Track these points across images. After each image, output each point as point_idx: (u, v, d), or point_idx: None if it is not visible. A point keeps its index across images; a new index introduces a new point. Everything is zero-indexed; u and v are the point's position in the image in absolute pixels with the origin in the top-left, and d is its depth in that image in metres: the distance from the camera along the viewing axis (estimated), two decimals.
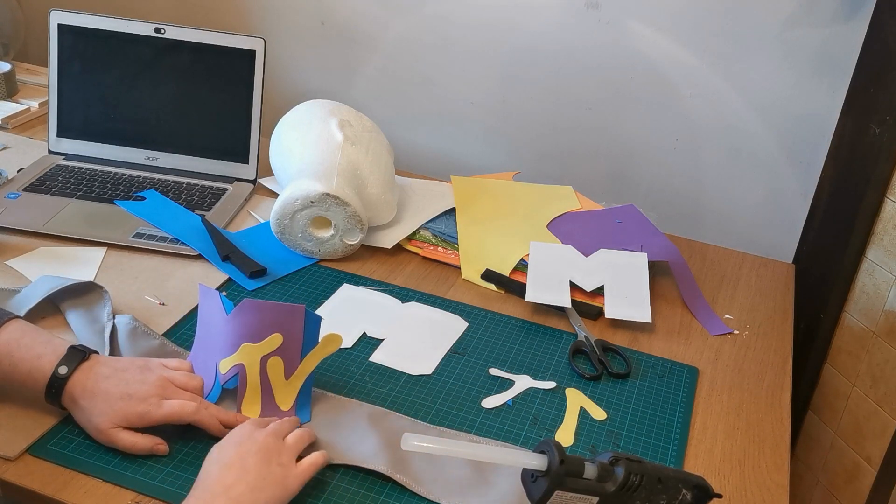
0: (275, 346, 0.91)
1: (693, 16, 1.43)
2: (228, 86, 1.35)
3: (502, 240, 1.27)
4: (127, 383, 0.85)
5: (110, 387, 0.85)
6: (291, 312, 0.91)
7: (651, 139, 1.55)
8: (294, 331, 0.91)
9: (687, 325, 1.17)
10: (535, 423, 0.95)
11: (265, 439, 0.82)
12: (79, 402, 0.85)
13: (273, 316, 0.91)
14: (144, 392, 0.85)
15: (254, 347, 0.91)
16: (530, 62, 1.57)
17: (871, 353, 1.27)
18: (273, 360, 0.92)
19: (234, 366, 0.91)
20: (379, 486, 0.85)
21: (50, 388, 0.84)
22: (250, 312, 0.91)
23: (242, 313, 0.91)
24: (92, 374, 0.85)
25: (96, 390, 0.84)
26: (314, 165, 1.18)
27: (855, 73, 1.35)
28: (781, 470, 0.92)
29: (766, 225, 1.54)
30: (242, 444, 0.80)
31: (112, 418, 0.84)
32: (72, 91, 1.38)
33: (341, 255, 1.23)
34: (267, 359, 0.91)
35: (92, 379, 0.85)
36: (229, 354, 0.91)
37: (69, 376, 0.84)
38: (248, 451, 0.80)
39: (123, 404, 0.84)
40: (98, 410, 0.84)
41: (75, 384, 0.84)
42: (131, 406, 0.84)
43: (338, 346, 0.93)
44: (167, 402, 0.85)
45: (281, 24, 1.73)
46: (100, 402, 0.84)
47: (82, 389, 0.84)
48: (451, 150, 1.71)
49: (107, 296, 1.02)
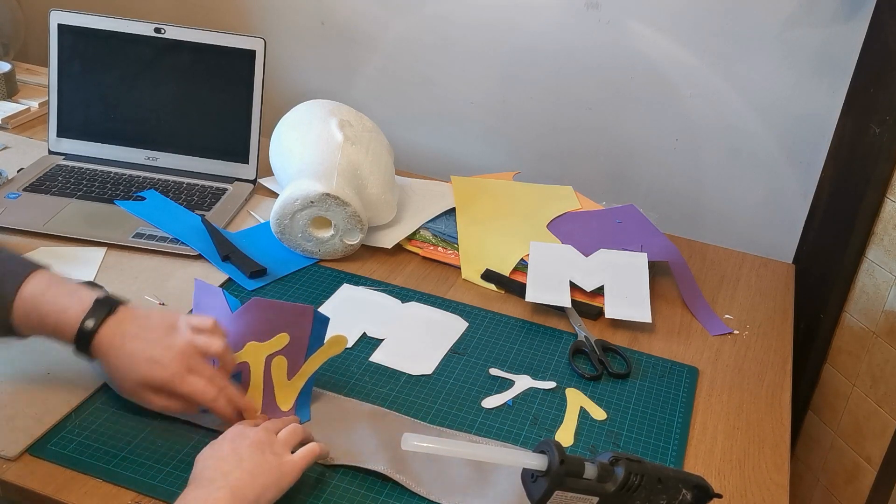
0: (281, 345, 0.91)
1: (693, 16, 1.43)
2: (228, 86, 1.35)
3: (502, 240, 1.27)
4: (153, 347, 0.85)
5: (136, 349, 0.84)
6: (301, 313, 0.91)
7: (651, 139, 1.55)
8: (301, 331, 0.92)
9: (687, 325, 1.17)
10: (535, 423, 0.95)
11: (257, 433, 0.82)
12: (106, 358, 0.85)
13: (282, 315, 0.91)
14: (169, 359, 0.84)
15: (260, 346, 0.91)
16: (530, 62, 1.57)
17: (871, 353, 1.27)
18: (277, 359, 0.92)
19: (239, 364, 0.91)
20: (379, 485, 0.85)
21: (77, 340, 0.85)
22: (259, 311, 0.91)
23: (251, 312, 0.91)
24: (119, 332, 0.85)
25: (123, 350, 0.84)
26: (314, 165, 1.18)
27: (855, 73, 1.35)
28: (781, 470, 0.92)
29: (766, 225, 1.54)
30: (235, 440, 0.81)
31: (138, 381, 0.84)
32: (72, 91, 1.38)
33: (341, 255, 1.23)
34: (272, 358, 0.92)
35: (119, 337, 0.85)
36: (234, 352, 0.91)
37: (96, 330, 0.84)
38: (241, 445, 0.80)
39: (148, 368, 0.84)
40: (125, 370, 0.84)
41: (102, 339, 0.84)
42: (156, 372, 0.84)
43: (343, 347, 0.93)
44: (190, 380, 0.84)
45: (281, 24, 1.73)
46: (126, 361, 0.84)
47: (109, 346, 0.85)
48: (451, 150, 1.71)
49: None
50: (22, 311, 0.85)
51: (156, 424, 0.90)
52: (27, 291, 0.85)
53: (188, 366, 0.85)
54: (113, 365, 0.85)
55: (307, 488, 0.83)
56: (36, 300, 0.85)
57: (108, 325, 0.85)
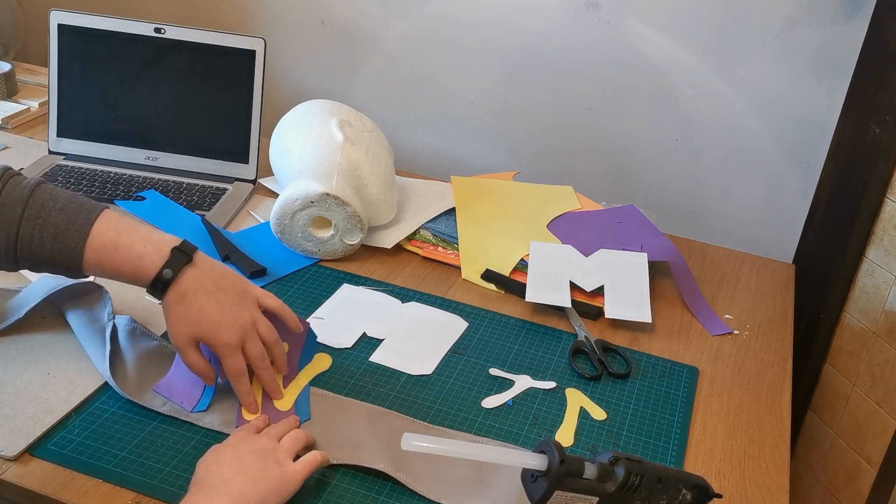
0: None
1: (693, 16, 1.43)
2: (228, 86, 1.35)
3: (502, 240, 1.27)
4: (220, 310, 0.87)
5: (205, 305, 0.86)
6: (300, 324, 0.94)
7: (651, 139, 1.55)
8: (297, 342, 0.94)
9: (687, 325, 1.17)
10: (535, 423, 0.95)
11: (260, 441, 0.82)
12: (175, 306, 0.86)
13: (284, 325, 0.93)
14: (229, 328, 0.87)
15: None
16: (530, 62, 1.57)
17: (871, 353, 1.27)
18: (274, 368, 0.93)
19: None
20: (379, 485, 0.84)
21: (153, 288, 0.86)
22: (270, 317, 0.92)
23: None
24: (194, 285, 0.86)
25: (193, 303, 0.86)
26: (314, 165, 1.18)
27: (855, 73, 1.35)
28: (781, 470, 0.92)
29: (766, 225, 1.54)
30: (237, 447, 0.81)
31: (192, 334, 0.86)
32: (72, 91, 1.38)
33: (341, 255, 1.23)
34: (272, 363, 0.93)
35: (192, 290, 0.86)
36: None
37: (172, 280, 0.85)
38: (243, 452, 0.80)
39: (209, 328, 0.86)
40: (188, 321, 0.86)
41: (177, 289, 0.86)
42: (213, 334, 0.86)
43: (328, 365, 0.98)
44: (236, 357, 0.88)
45: (281, 24, 1.73)
46: (193, 313, 0.86)
47: (182, 296, 0.86)
48: (451, 150, 1.71)
49: (107, 296, 1.02)
50: (94, 259, 0.85)
51: (156, 424, 0.90)
52: (97, 241, 0.84)
53: (243, 340, 0.88)
54: (178, 313, 0.86)
55: (307, 488, 0.83)
56: (107, 249, 0.85)
57: (185, 276, 0.86)
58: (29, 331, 1.01)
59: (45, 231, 0.83)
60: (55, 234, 0.83)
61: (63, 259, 0.84)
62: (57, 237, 0.83)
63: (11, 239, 0.83)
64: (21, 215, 0.83)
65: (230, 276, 0.90)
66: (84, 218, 0.85)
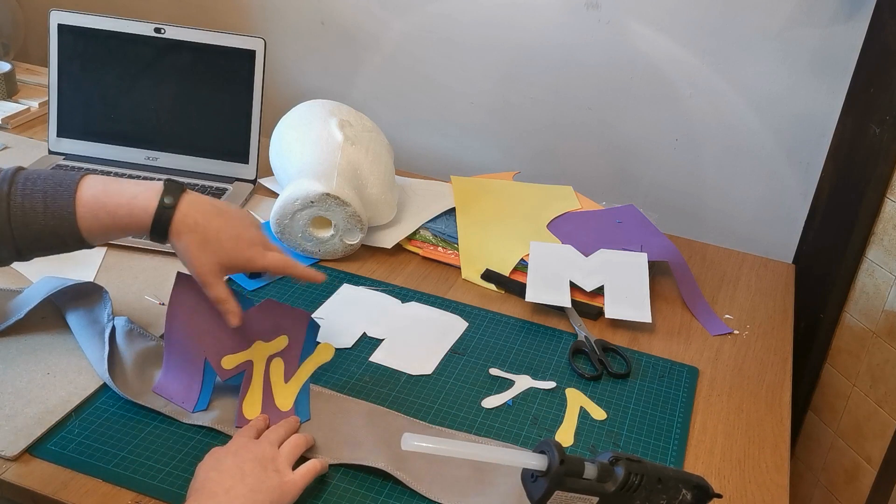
0: (280, 347, 0.92)
1: (693, 16, 1.43)
2: (228, 86, 1.35)
3: (502, 240, 1.27)
4: (236, 226, 0.86)
5: (222, 225, 0.85)
6: (300, 317, 0.93)
7: (651, 139, 1.55)
8: (298, 335, 0.93)
9: (687, 325, 1.17)
10: (535, 423, 0.95)
11: (261, 447, 0.82)
12: (189, 235, 0.84)
13: (285, 317, 0.93)
14: (252, 236, 0.86)
15: (265, 346, 0.92)
16: (530, 62, 1.57)
17: (871, 353, 1.27)
18: (276, 360, 0.92)
19: (244, 363, 0.91)
20: (379, 485, 0.85)
21: (157, 221, 0.83)
22: (270, 311, 0.92)
23: (263, 311, 0.92)
24: (200, 208, 0.85)
25: (208, 227, 0.84)
26: (314, 165, 1.18)
27: (855, 73, 1.35)
28: (781, 470, 0.92)
29: (765, 225, 1.54)
30: (238, 453, 0.81)
31: (219, 260, 0.84)
32: (72, 91, 1.38)
33: (341, 255, 1.23)
34: (272, 358, 0.92)
35: (202, 214, 0.85)
36: (237, 351, 0.91)
37: (176, 205, 0.84)
38: (244, 459, 0.80)
39: (233, 245, 0.84)
40: (210, 247, 0.84)
41: (185, 216, 0.84)
42: (240, 249, 0.85)
43: (331, 355, 0.95)
44: (270, 254, 0.87)
45: (281, 24, 1.73)
46: (212, 236, 0.84)
47: (193, 223, 0.84)
48: (451, 150, 1.71)
49: (107, 296, 1.02)
50: (88, 212, 0.83)
51: (156, 424, 0.90)
52: (86, 195, 0.83)
53: (266, 245, 0.88)
54: (196, 242, 0.84)
55: (307, 489, 0.83)
56: (98, 199, 0.83)
57: (186, 202, 0.84)
58: (29, 331, 1.01)
59: (35, 199, 0.82)
60: (44, 199, 0.82)
61: (57, 222, 0.82)
62: (47, 202, 0.82)
63: (3, 216, 0.81)
64: (8, 191, 0.82)
65: (223, 202, 0.90)
66: (69, 178, 0.84)
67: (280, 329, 0.92)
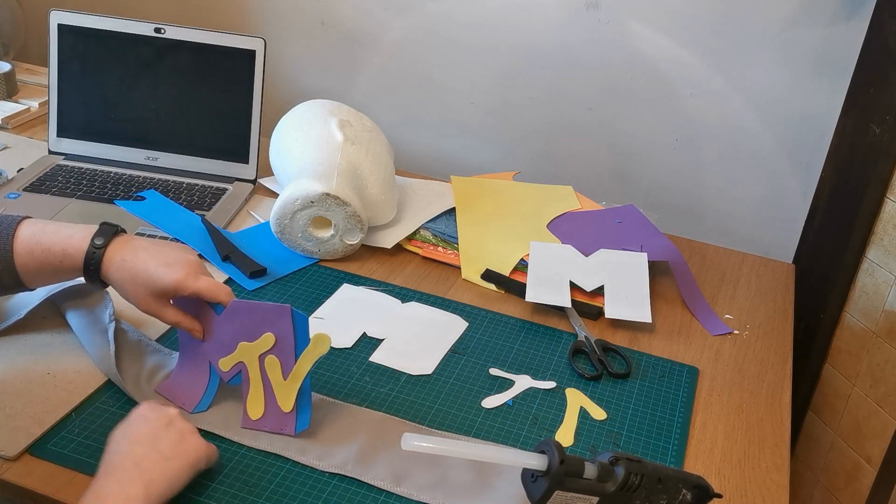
0: (269, 344, 0.91)
1: (693, 16, 1.43)
2: (228, 86, 1.35)
3: (502, 240, 1.27)
4: (165, 254, 0.87)
5: (149, 256, 0.86)
6: (278, 312, 0.90)
7: (651, 139, 1.55)
8: (284, 330, 0.91)
9: (687, 325, 1.17)
10: (535, 423, 0.95)
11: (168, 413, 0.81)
12: (120, 272, 0.86)
13: (261, 316, 0.90)
14: (181, 263, 0.87)
15: (251, 346, 0.91)
16: (530, 62, 1.57)
17: (871, 353, 1.27)
18: (270, 358, 0.92)
19: (237, 364, 0.91)
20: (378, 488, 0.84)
21: (88, 262, 0.85)
22: (241, 313, 0.91)
23: (234, 314, 0.91)
24: (130, 246, 0.87)
25: (136, 260, 0.86)
26: (314, 165, 1.18)
27: (855, 73, 1.35)
28: (781, 470, 0.92)
29: (766, 225, 1.54)
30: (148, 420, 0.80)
31: (153, 289, 0.85)
32: (72, 91, 1.38)
33: (341, 255, 1.23)
34: (264, 357, 0.92)
35: (130, 251, 0.86)
36: (228, 354, 0.91)
37: (106, 246, 0.85)
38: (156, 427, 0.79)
39: (163, 272, 0.85)
40: (140, 280, 0.85)
41: (114, 254, 0.86)
42: (169, 274, 0.85)
43: (328, 346, 0.91)
44: (202, 279, 0.87)
45: (281, 24, 1.73)
46: (141, 268, 0.86)
47: (121, 260, 0.86)
48: (451, 150, 1.72)
49: (108, 297, 1.02)
50: (24, 249, 0.85)
51: None
52: (24, 233, 0.86)
53: (198, 270, 0.88)
54: (127, 277, 0.86)
55: (308, 490, 0.83)
56: (37, 237, 0.86)
57: (118, 242, 0.87)
58: (29, 331, 1.01)
59: None
60: None
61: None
62: None
63: None
64: None
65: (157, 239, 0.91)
66: (10, 219, 0.87)
67: (260, 327, 0.91)
